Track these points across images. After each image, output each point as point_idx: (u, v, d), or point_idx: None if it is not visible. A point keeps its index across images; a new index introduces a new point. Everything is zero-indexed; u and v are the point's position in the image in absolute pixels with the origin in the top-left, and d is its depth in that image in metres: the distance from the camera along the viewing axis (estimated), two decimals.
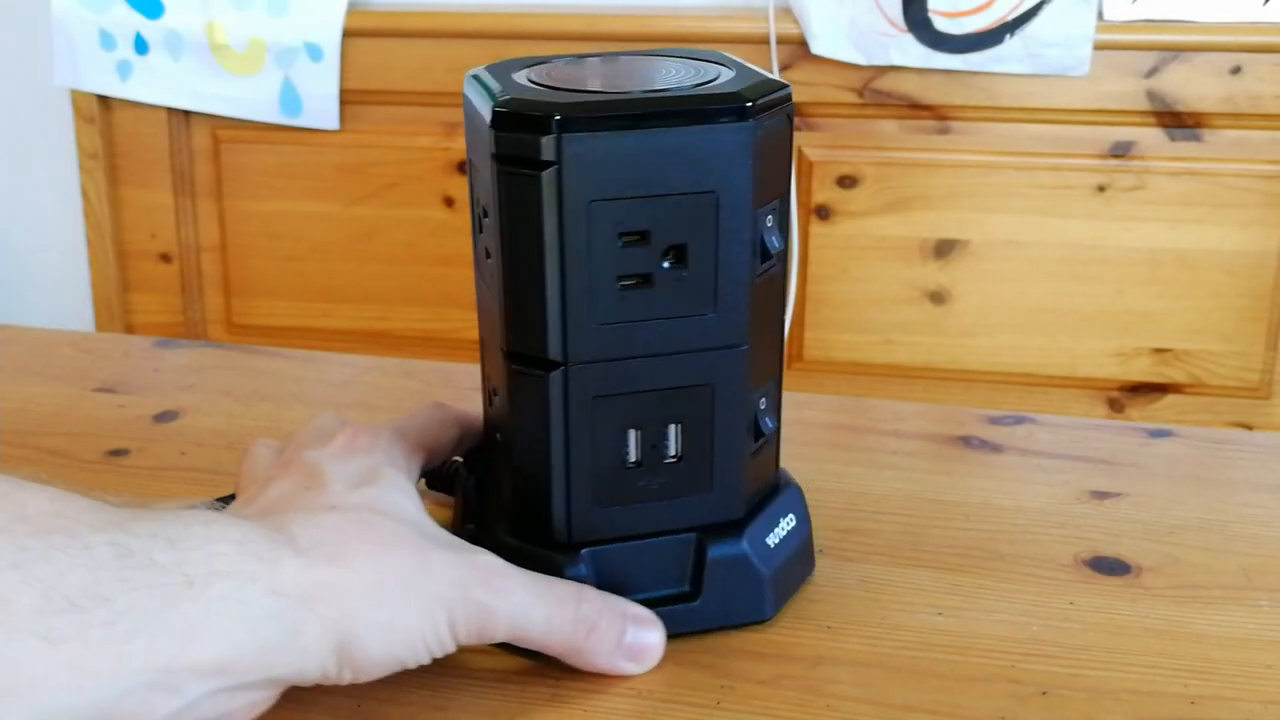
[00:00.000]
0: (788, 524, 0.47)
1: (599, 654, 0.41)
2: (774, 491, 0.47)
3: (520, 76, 0.43)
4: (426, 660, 0.39)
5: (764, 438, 0.45)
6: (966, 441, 0.60)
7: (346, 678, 0.37)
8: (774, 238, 0.42)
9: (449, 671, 0.43)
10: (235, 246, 1.76)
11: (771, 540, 0.46)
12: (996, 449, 0.59)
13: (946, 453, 0.59)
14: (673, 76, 0.43)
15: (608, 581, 0.43)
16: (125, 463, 0.58)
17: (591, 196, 0.40)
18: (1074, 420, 0.62)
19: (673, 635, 0.43)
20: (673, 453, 0.43)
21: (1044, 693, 0.42)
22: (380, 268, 1.71)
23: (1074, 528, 0.52)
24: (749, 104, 0.40)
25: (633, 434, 0.43)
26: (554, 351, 0.41)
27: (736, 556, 0.45)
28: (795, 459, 0.57)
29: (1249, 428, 1.55)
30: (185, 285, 1.78)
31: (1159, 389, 1.57)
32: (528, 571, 0.41)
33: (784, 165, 0.43)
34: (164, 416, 0.62)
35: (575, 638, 0.41)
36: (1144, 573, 0.49)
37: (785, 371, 0.48)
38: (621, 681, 0.42)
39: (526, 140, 0.39)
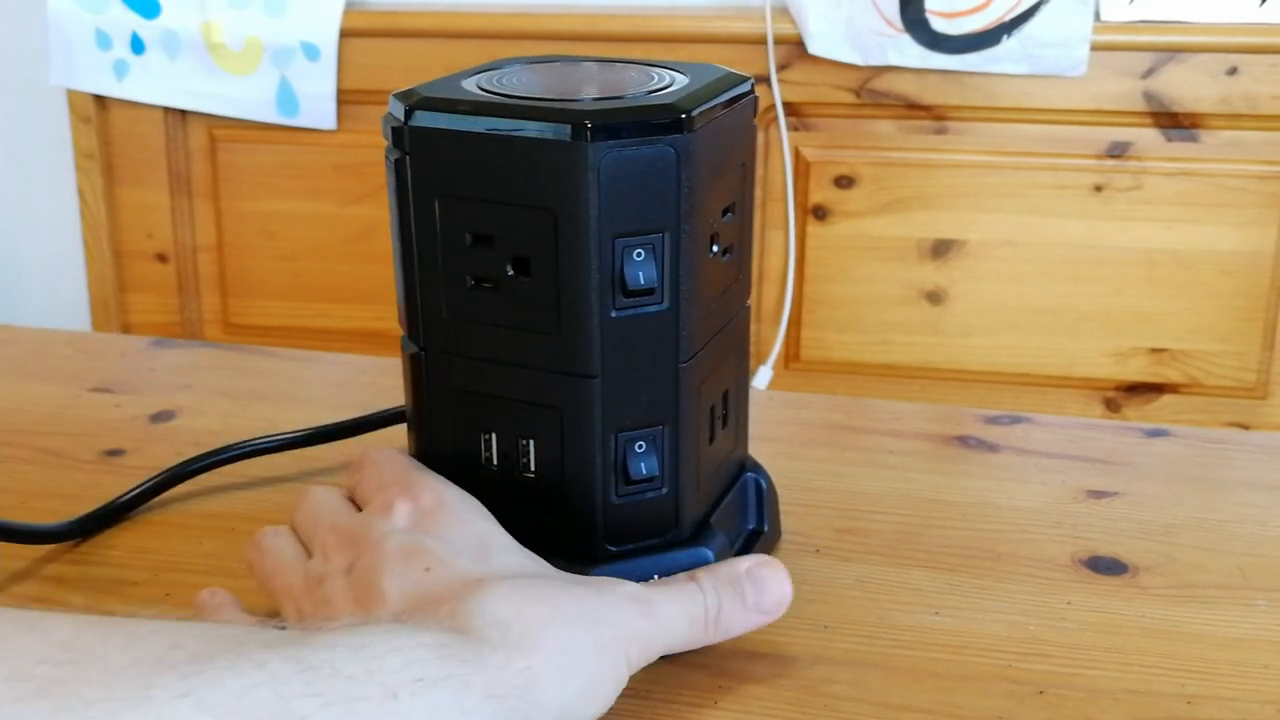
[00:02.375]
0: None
1: (734, 626, 0.41)
2: (669, 546, 0.44)
3: (472, 81, 0.44)
4: (614, 702, 0.38)
5: (638, 484, 0.43)
6: (963, 441, 0.60)
7: None
8: (641, 273, 0.40)
9: None
10: (232, 246, 1.75)
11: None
12: (993, 449, 0.59)
13: (943, 453, 0.59)
14: (609, 86, 0.43)
15: None
16: (121, 463, 0.58)
17: (438, 190, 0.41)
18: (1071, 420, 0.62)
19: None
20: (531, 469, 0.43)
21: (1041, 692, 0.42)
22: (377, 268, 1.71)
23: (1071, 527, 0.52)
24: (591, 126, 0.38)
25: (489, 437, 0.43)
26: (414, 335, 0.43)
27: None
28: (793, 459, 0.57)
29: (1245, 428, 1.55)
30: (182, 285, 1.78)
31: (1155, 389, 1.57)
32: (654, 584, 0.41)
33: (669, 199, 0.40)
34: (160, 416, 0.62)
35: (709, 627, 0.41)
36: (1141, 572, 0.49)
37: (782, 372, 0.48)
38: None
39: (395, 128, 0.41)
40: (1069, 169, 1.52)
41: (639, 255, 0.40)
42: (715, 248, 0.43)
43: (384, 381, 0.66)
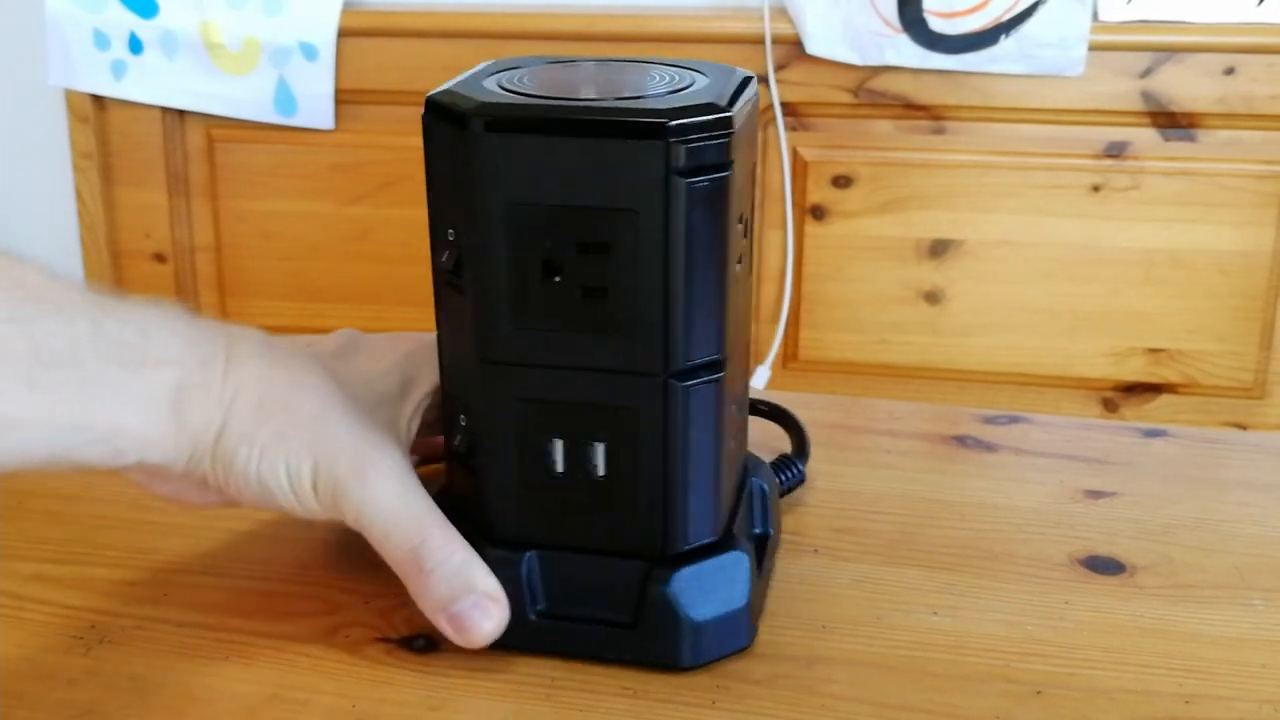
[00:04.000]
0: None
1: (424, 600, 0.42)
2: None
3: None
4: (294, 507, 0.42)
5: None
6: (961, 441, 0.60)
7: (224, 487, 0.42)
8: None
9: (445, 671, 0.43)
10: (230, 246, 1.75)
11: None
12: (991, 449, 0.59)
13: (941, 452, 0.59)
14: (639, 86, 0.42)
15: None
16: None
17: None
18: (1068, 420, 0.62)
19: (612, 661, 0.43)
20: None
21: (1039, 692, 0.42)
22: (375, 268, 1.71)
23: (1069, 527, 0.52)
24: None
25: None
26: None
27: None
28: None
29: (1243, 428, 1.55)
30: (180, 285, 1.78)
31: (1153, 389, 1.57)
32: (408, 485, 0.43)
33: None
34: None
35: (407, 569, 0.42)
36: (1138, 572, 0.49)
37: (780, 371, 0.49)
38: (618, 681, 0.42)
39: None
40: (1067, 169, 1.52)
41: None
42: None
43: None
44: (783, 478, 0.53)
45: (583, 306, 0.40)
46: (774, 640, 0.44)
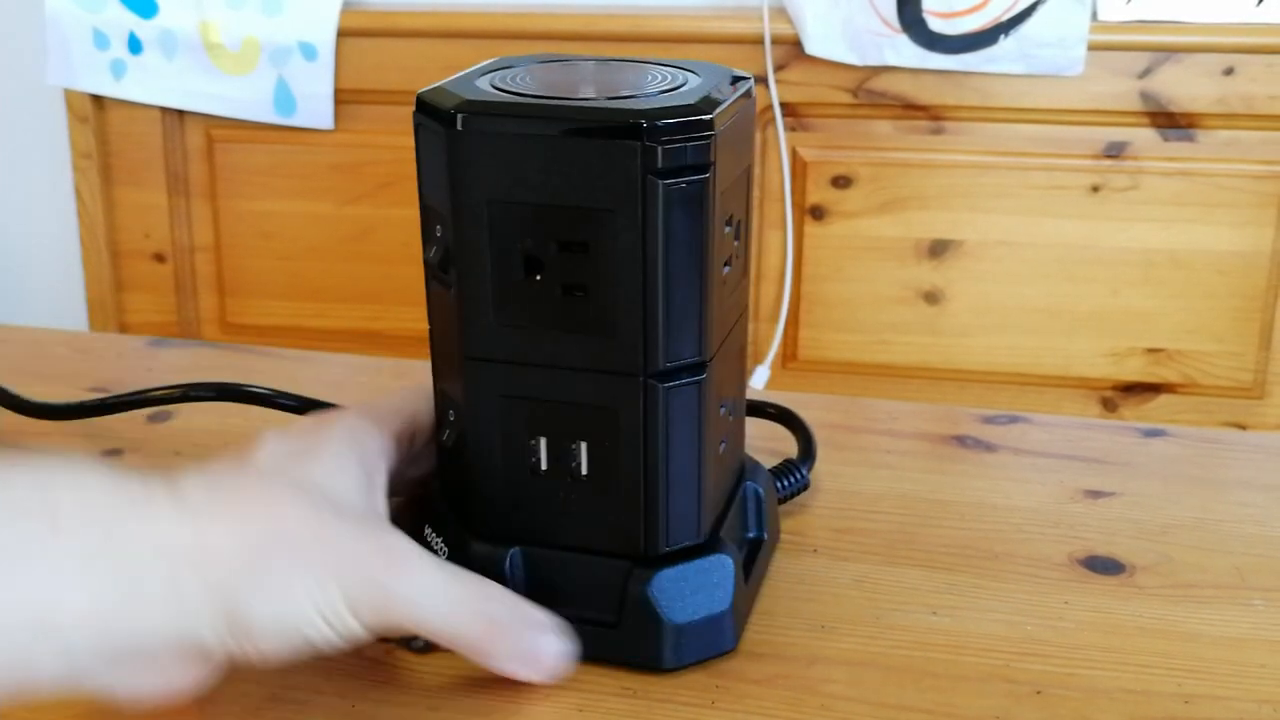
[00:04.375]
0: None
1: (497, 655, 0.40)
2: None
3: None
4: (336, 641, 0.36)
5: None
6: (961, 441, 0.60)
7: (250, 651, 0.35)
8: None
9: (443, 672, 0.43)
10: (229, 246, 1.75)
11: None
12: (991, 448, 0.59)
13: (941, 452, 0.59)
14: (633, 85, 0.42)
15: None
16: (119, 463, 0.58)
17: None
18: (1068, 420, 0.62)
19: (593, 660, 0.43)
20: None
21: (1039, 692, 0.42)
22: (374, 267, 1.71)
23: (1068, 527, 0.52)
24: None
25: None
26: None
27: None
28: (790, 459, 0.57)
29: (1242, 427, 1.55)
30: (179, 285, 1.78)
31: (1152, 389, 1.57)
32: (440, 561, 0.39)
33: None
34: (158, 417, 0.62)
35: (475, 634, 0.39)
36: (1138, 572, 0.49)
37: (780, 372, 0.48)
38: (617, 680, 0.42)
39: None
40: (1066, 169, 1.52)
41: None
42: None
43: (381, 382, 0.66)
44: (783, 483, 0.52)
45: (563, 305, 0.40)
46: (774, 640, 0.44)
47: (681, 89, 0.42)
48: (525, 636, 0.40)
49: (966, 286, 1.57)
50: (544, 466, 0.42)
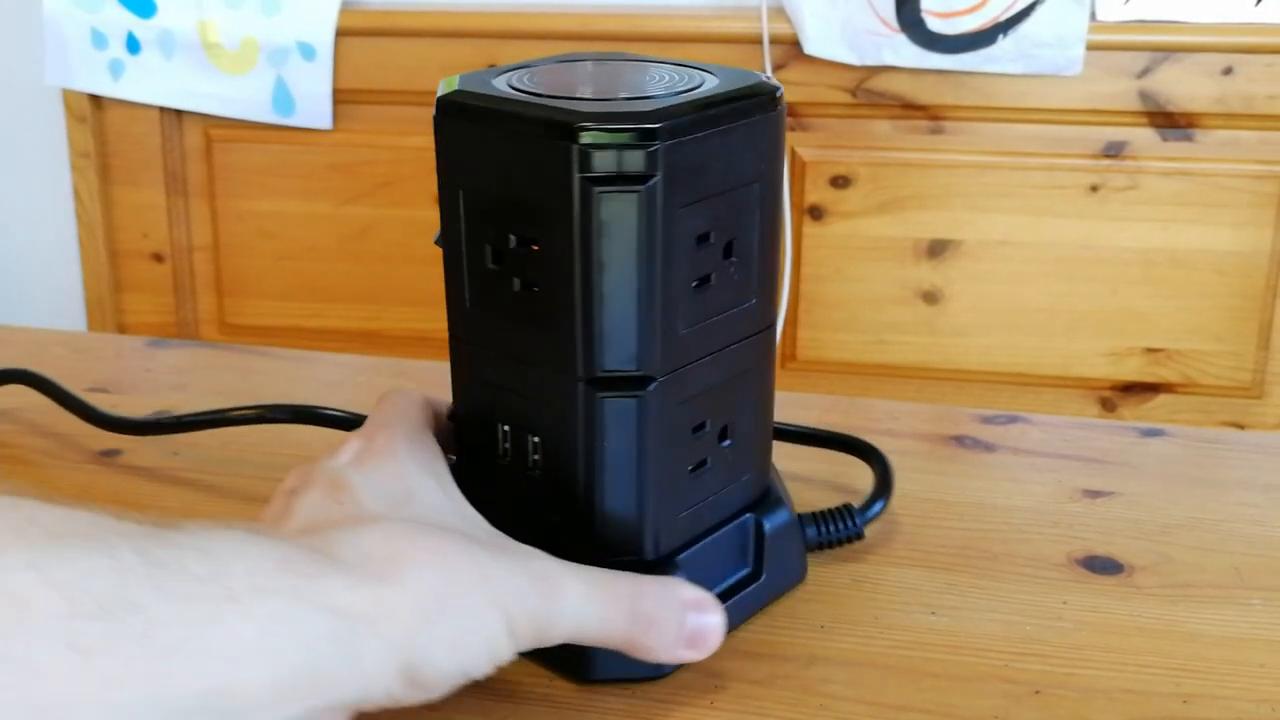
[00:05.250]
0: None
1: (659, 647, 0.39)
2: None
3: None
4: (490, 670, 0.37)
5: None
6: (960, 441, 0.60)
7: (416, 697, 0.35)
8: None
9: None
10: (228, 246, 1.75)
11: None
12: (989, 448, 0.59)
13: (940, 452, 0.59)
14: (647, 86, 0.42)
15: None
16: (117, 463, 0.58)
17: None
18: (1067, 420, 0.62)
19: (536, 662, 0.42)
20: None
21: (1037, 692, 0.42)
22: (373, 267, 1.70)
23: (1067, 527, 0.52)
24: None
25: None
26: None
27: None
28: (789, 458, 0.57)
29: (1241, 427, 1.55)
30: (177, 285, 1.77)
31: (1151, 388, 1.57)
32: (582, 569, 0.39)
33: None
34: (156, 416, 0.62)
35: (634, 633, 0.39)
36: (1136, 572, 0.49)
37: (779, 372, 0.48)
38: (615, 680, 0.42)
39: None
40: (1065, 169, 1.52)
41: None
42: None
43: (380, 382, 0.66)
44: (823, 529, 0.49)
45: (519, 298, 0.41)
46: (773, 640, 0.44)
47: (685, 93, 0.41)
48: (681, 623, 0.40)
49: (965, 286, 1.57)
50: (505, 455, 0.43)
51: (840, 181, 1.57)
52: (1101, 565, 0.49)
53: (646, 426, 0.41)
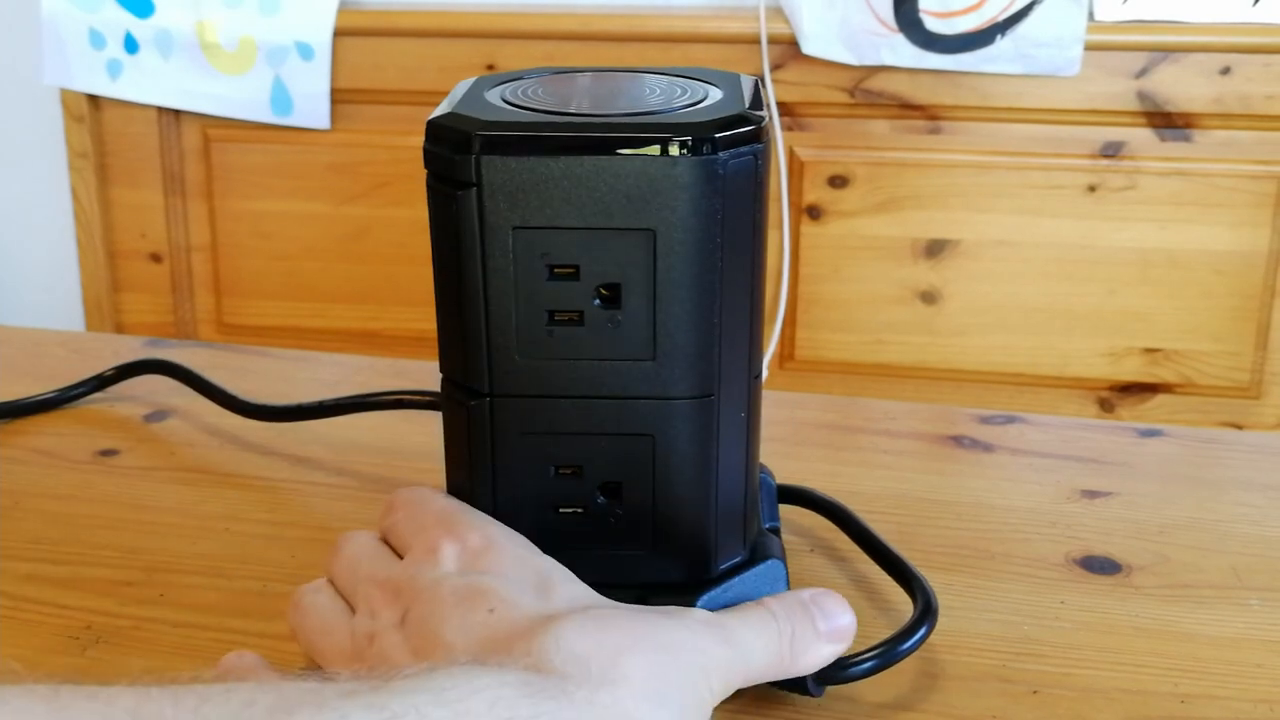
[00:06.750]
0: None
1: (807, 656, 0.39)
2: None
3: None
4: None
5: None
6: (958, 441, 0.60)
7: None
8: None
9: None
10: (226, 246, 1.75)
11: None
12: (988, 448, 0.59)
13: (938, 452, 0.59)
14: (653, 100, 0.41)
15: None
16: (115, 463, 0.58)
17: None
18: (1065, 420, 0.62)
19: None
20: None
21: (1035, 691, 0.42)
22: (372, 267, 1.70)
23: (1065, 527, 0.52)
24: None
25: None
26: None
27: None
28: (787, 459, 0.57)
29: (1239, 427, 1.55)
30: (175, 285, 1.77)
31: (1149, 389, 1.57)
32: (727, 612, 0.39)
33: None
34: (154, 416, 0.62)
35: (784, 655, 0.39)
36: (1135, 572, 0.49)
37: (777, 371, 0.48)
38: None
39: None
40: (1063, 169, 1.52)
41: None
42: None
43: (378, 382, 0.66)
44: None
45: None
46: None
47: (660, 110, 0.40)
48: (820, 632, 0.40)
49: (963, 286, 1.57)
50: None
51: (838, 181, 1.57)
52: (1099, 565, 0.49)
53: (478, 436, 0.40)
